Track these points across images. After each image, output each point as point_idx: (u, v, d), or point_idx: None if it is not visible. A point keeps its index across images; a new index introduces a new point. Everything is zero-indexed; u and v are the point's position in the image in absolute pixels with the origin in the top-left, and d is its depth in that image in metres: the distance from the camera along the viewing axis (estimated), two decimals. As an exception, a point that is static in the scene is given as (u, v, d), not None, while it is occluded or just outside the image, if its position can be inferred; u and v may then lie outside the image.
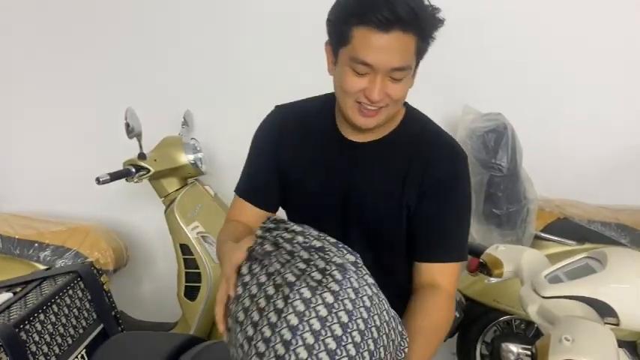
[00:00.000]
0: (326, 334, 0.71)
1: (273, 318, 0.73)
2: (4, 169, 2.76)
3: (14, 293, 1.51)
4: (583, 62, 2.47)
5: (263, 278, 0.81)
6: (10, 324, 1.30)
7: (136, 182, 2.14)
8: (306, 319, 0.71)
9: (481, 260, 1.23)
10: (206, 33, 2.52)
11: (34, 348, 1.35)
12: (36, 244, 2.26)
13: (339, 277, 0.75)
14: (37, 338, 1.37)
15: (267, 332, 0.72)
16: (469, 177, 1.11)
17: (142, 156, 2.12)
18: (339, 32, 0.96)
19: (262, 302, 0.77)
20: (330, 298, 0.73)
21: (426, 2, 0.96)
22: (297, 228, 0.85)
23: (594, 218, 2.17)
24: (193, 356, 1.21)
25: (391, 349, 0.80)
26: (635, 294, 0.94)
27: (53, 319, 1.43)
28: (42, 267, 2.19)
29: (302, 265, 0.78)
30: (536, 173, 2.22)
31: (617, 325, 0.96)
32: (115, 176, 2.00)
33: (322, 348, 0.70)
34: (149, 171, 2.11)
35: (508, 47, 2.49)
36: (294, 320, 0.71)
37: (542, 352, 0.84)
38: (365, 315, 0.75)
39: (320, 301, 0.73)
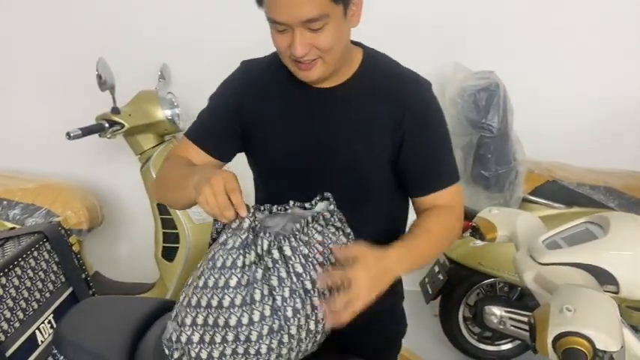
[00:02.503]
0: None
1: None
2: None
3: (-26, 254, 1.42)
4: (578, 23, 2.44)
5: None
6: (-31, 287, 1.22)
7: (110, 138, 2.05)
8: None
9: (473, 224, 1.18)
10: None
11: (-5, 313, 1.27)
12: (4, 202, 2.18)
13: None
14: (-2, 303, 1.29)
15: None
16: (437, 101, 1.14)
17: (115, 110, 2.03)
18: None
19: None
20: None
21: None
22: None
23: (583, 181, 2.15)
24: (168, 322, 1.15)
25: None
26: (637, 261, 0.89)
27: (16, 282, 1.35)
28: (11, 226, 2.11)
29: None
30: (525, 135, 2.18)
31: (617, 293, 0.92)
32: (86, 131, 1.93)
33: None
34: (123, 126, 2.03)
35: (502, 4, 2.41)
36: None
37: (541, 323, 0.79)
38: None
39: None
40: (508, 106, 2.05)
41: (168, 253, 2.17)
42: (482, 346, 2.31)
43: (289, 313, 0.89)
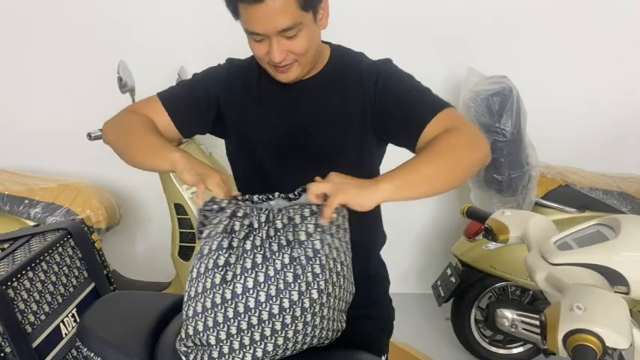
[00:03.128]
0: None
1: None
2: (-5, 123, 2.69)
3: (2, 250, 1.47)
4: (591, 28, 2.43)
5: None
6: (-3, 281, 1.27)
7: (129, 139, 2.08)
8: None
9: (486, 225, 1.19)
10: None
11: (22, 306, 1.32)
12: (26, 201, 2.23)
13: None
14: (25, 296, 1.33)
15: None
16: (396, 66, 1.19)
17: (134, 112, 2.05)
18: (231, 9, 1.07)
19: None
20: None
21: None
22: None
23: (596, 186, 2.15)
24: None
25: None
26: (647, 263, 0.90)
27: (42, 276, 1.39)
28: (32, 224, 2.15)
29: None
30: (538, 139, 2.19)
31: (627, 294, 0.93)
32: (106, 132, 1.94)
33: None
34: (142, 128, 2.05)
35: (514, 11, 2.43)
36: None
37: (551, 321, 0.80)
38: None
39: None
40: (521, 111, 2.06)
41: (185, 253, 2.21)
42: (493, 349, 2.32)
43: (289, 279, 0.91)
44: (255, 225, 0.96)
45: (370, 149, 1.20)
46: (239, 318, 0.92)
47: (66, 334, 1.44)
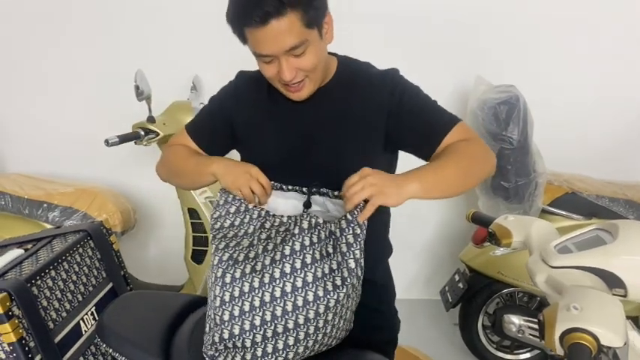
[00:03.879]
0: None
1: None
2: (15, 129, 2.76)
3: (25, 250, 1.53)
4: (598, 36, 2.45)
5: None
6: (22, 279, 1.33)
7: (145, 145, 2.14)
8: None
9: (490, 230, 1.23)
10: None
11: (45, 303, 1.37)
12: (45, 205, 2.28)
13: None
14: (48, 294, 1.39)
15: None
16: (407, 80, 1.23)
17: (151, 119, 2.11)
18: (237, 34, 1.11)
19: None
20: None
21: None
22: None
23: (602, 193, 2.16)
24: (201, 316, 1.23)
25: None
26: (644, 266, 0.94)
27: (64, 275, 1.45)
28: (50, 227, 2.21)
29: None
30: (545, 147, 2.21)
31: (625, 296, 0.96)
32: (123, 139, 2.00)
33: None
34: (158, 134, 2.11)
35: (522, 21, 2.46)
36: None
37: (549, 321, 0.84)
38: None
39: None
40: (528, 119, 2.08)
41: (198, 256, 2.25)
42: (500, 354, 2.33)
43: (329, 287, 0.95)
44: (296, 231, 1.00)
45: (377, 157, 1.22)
46: (276, 321, 0.95)
47: (85, 331, 1.50)
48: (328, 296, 0.95)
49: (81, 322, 1.48)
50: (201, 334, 1.10)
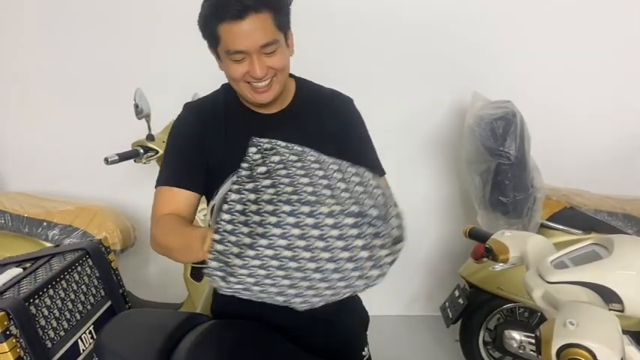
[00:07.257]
0: None
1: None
2: (15, 148, 2.78)
3: (24, 269, 1.53)
4: (594, 51, 2.47)
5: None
6: (20, 298, 1.33)
7: (144, 163, 2.15)
8: None
9: (487, 245, 1.23)
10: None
11: (43, 322, 1.37)
12: (44, 223, 2.29)
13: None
14: (46, 313, 1.39)
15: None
16: (358, 111, 1.36)
17: (150, 137, 2.13)
18: (209, 35, 1.16)
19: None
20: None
21: None
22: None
23: (601, 208, 2.17)
24: (199, 334, 1.23)
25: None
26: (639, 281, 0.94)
27: (62, 294, 1.45)
28: (50, 246, 2.21)
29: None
30: (543, 162, 2.22)
31: (622, 311, 0.96)
32: (123, 157, 2.02)
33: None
34: (157, 152, 2.12)
35: (518, 37, 2.49)
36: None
37: (545, 336, 0.84)
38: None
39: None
40: (525, 134, 2.10)
41: (197, 274, 2.23)
42: (501, 370, 2.32)
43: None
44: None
45: None
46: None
47: (83, 350, 1.49)
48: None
49: (79, 340, 1.48)
50: (200, 353, 1.09)
